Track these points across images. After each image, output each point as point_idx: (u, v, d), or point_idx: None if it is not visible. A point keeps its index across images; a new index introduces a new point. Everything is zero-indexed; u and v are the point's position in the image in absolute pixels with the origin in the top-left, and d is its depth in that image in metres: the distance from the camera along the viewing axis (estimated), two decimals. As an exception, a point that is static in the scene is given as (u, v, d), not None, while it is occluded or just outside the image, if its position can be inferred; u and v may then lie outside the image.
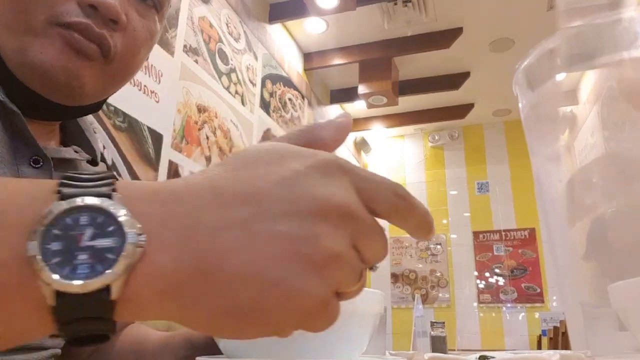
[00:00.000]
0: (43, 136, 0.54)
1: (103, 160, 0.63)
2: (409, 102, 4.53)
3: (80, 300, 0.21)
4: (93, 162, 0.59)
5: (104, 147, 1.80)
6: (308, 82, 4.00)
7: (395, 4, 3.24)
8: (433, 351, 1.54)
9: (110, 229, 0.22)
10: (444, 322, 1.70)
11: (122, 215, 0.22)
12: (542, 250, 4.56)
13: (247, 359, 0.41)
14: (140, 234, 0.22)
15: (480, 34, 3.64)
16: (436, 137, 5.19)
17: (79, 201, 0.22)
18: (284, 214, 0.23)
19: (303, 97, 3.87)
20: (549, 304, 4.47)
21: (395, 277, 4.98)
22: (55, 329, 0.22)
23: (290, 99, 3.62)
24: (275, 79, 3.40)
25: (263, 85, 3.19)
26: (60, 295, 0.20)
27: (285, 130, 3.48)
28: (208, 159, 2.48)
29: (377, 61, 3.77)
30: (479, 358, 0.79)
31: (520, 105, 0.74)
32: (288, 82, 3.61)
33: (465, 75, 4.17)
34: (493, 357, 0.77)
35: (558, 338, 3.23)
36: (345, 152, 4.81)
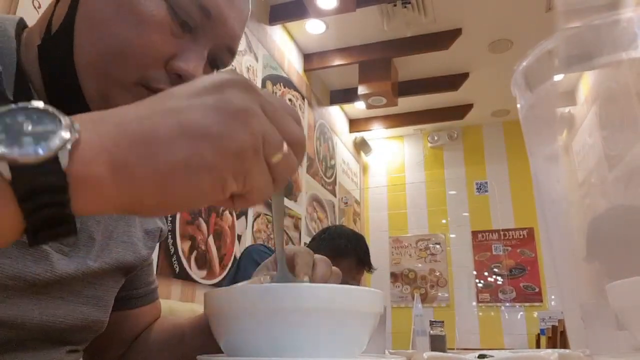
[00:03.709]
0: None
1: None
2: (408, 103, 4.54)
3: (33, 170, 0.24)
4: None
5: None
6: (308, 83, 4.00)
7: (395, 5, 3.24)
8: (432, 350, 1.54)
9: (47, 119, 0.25)
10: (443, 321, 1.71)
11: (54, 111, 0.26)
12: (541, 249, 4.57)
13: (247, 358, 0.41)
14: (74, 124, 0.26)
15: (479, 35, 3.64)
16: (435, 138, 5.19)
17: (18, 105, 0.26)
18: (199, 92, 0.30)
19: (303, 98, 3.88)
20: (548, 303, 4.48)
21: (394, 276, 4.99)
22: (19, 211, 0.24)
23: (290, 100, 3.63)
24: (276, 79, 3.41)
25: (263, 85, 3.19)
26: (14, 169, 0.23)
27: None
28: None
29: (376, 62, 3.77)
30: (478, 357, 0.79)
31: (518, 105, 0.74)
32: (288, 83, 3.62)
33: (464, 76, 4.18)
34: (492, 356, 0.77)
35: (556, 337, 3.24)
36: (345, 153, 4.81)
